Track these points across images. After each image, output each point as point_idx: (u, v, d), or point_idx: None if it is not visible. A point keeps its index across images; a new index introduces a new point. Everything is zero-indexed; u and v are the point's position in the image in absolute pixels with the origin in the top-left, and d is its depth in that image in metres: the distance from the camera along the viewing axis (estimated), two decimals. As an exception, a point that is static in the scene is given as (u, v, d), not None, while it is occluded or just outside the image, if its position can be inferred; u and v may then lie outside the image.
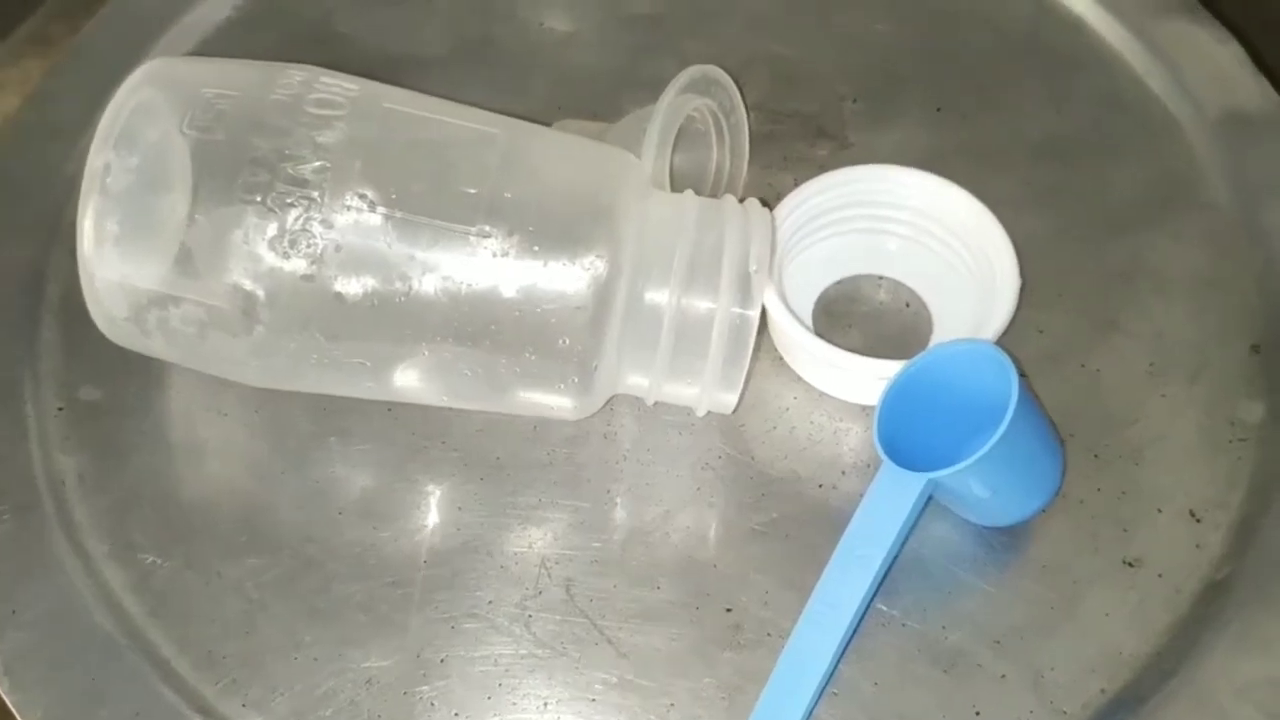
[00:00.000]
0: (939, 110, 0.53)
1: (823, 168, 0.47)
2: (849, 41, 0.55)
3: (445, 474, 0.44)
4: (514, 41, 0.55)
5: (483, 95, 0.51)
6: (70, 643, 0.40)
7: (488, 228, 0.38)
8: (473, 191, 0.38)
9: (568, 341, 0.38)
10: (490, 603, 0.41)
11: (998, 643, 0.40)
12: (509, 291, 0.38)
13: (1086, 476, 0.44)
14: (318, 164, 0.37)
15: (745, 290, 0.40)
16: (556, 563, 0.42)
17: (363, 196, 0.37)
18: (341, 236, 0.37)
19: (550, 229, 0.38)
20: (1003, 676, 0.40)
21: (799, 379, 0.46)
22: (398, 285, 0.37)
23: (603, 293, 0.38)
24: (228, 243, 0.37)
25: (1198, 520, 0.43)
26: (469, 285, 0.38)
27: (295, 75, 0.39)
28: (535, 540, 0.42)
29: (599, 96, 0.53)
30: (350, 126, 0.38)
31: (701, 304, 0.40)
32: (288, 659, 0.40)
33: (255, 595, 0.41)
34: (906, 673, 0.40)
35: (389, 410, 0.44)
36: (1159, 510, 0.43)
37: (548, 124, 0.49)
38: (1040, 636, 0.41)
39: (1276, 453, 0.44)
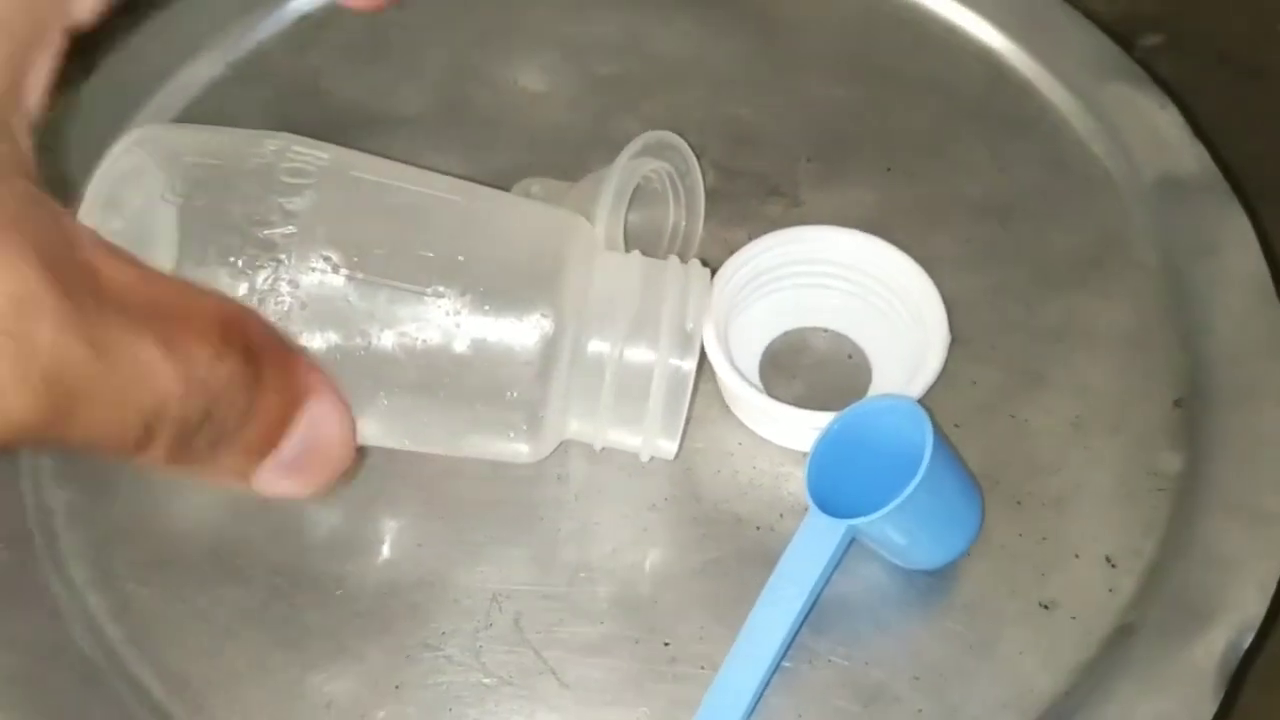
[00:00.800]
0: (888, 170, 0.56)
1: (775, 224, 0.50)
2: (805, 104, 0.58)
3: (407, 512, 0.47)
4: (489, 100, 0.58)
5: (457, 151, 0.55)
6: (54, 665, 0.43)
7: (442, 288, 0.41)
8: (429, 255, 0.41)
9: (516, 394, 0.41)
10: (444, 633, 0.44)
11: (917, 678, 0.43)
12: (461, 347, 0.41)
13: (1009, 522, 0.46)
14: (286, 229, 0.40)
15: (683, 345, 0.43)
16: (507, 597, 0.45)
17: (327, 259, 0.40)
18: (307, 296, 0.40)
19: (500, 289, 0.41)
20: (919, 711, 0.42)
21: (744, 426, 0.49)
22: (358, 340, 0.41)
23: (549, 349, 0.41)
24: (202, 300, 0.40)
25: (1113, 566, 0.45)
26: (424, 341, 0.41)
27: (269, 144, 0.42)
28: (488, 575, 0.45)
29: (567, 155, 0.55)
30: (318, 194, 0.41)
31: (642, 358, 0.43)
32: (255, 682, 0.43)
33: (226, 623, 0.44)
34: (829, 705, 0.43)
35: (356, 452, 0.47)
36: (1076, 555, 0.46)
37: (515, 181, 0.52)
38: (957, 673, 0.43)
39: (1191, 502, 0.46)
